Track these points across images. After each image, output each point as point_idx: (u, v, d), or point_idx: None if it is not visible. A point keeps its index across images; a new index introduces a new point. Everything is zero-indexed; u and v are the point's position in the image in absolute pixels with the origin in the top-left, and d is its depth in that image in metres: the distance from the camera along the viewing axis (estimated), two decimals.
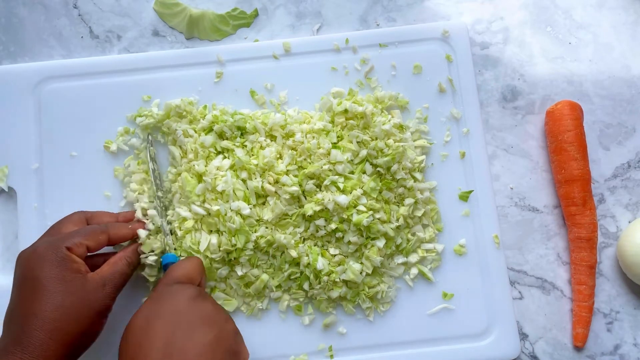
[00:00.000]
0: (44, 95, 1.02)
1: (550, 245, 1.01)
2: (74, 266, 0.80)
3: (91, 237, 0.84)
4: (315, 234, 0.95)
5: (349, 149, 0.95)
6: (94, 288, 0.81)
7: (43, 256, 0.80)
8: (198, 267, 0.85)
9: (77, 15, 1.09)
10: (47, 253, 0.80)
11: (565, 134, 0.98)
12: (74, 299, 0.78)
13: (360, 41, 1.04)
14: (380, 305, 0.96)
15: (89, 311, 0.80)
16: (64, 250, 0.80)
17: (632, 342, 0.98)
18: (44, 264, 0.79)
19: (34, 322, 0.76)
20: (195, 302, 0.78)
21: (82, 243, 0.83)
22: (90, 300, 0.80)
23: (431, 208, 0.99)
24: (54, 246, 0.81)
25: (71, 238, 0.82)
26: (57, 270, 0.79)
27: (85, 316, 0.79)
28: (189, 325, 0.75)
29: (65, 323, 0.77)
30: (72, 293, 0.79)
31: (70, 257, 0.80)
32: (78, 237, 0.83)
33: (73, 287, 0.79)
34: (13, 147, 1.00)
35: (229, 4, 1.09)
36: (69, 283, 0.79)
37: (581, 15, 1.08)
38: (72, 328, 0.77)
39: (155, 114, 1.00)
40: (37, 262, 0.80)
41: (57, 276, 0.79)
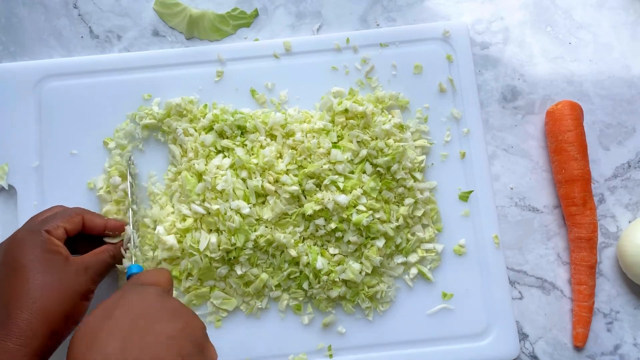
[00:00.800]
0: (45, 94, 1.02)
1: (550, 245, 1.01)
2: (53, 248, 0.82)
3: (67, 219, 0.86)
4: (315, 233, 0.96)
5: (349, 149, 0.96)
6: (76, 270, 0.82)
7: (23, 241, 0.81)
8: (166, 276, 0.83)
9: (77, 15, 1.09)
10: (26, 237, 0.82)
11: (565, 134, 0.99)
12: (56, 279, 0.80)
13: (360, 41, 1.04)
14: (379, 305, 0.97)
15: (71, 292, 0.81)
16: (43, 233, 0.82)
17: (632, 342, 0.98)
18: (24, 248, 0.80)
19: (17, 304, 0.76)
20: (161, 298, 0.75)
21: (59, 225, 0.84)
22: (72, 281, 0.81)
23: (431, 208, 0.99)
24: (32, 230, 0.82)
25: (48, 221, 0.84)
26: (37, 251, 0.80)
27: (67, 297, 0.80)
28: (153, 317, 0.71)
29: (49, 302, 0.77)
30: (53, 273, 0.80)
31: (50, 240, 0.82)
32: (55, 220, 0.84)
33: (54, 268, 0.80)
34: (13, 145, 1.01)
35: (229, 4, 1.09)
36: (50, 264, 0.80)
37: (581, 15, 1.08)
38: (56, 308, 0.78)
39: (155, 112, 1.00)
40: (17, 247, 0.81)
41: (38, 258, 0.80)
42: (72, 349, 0.69)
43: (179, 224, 0.95)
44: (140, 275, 0.82)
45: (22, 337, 0.74)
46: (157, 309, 0.73)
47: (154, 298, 0.75)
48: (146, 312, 0.71)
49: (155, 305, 0.73)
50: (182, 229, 0.94)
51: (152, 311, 0.72)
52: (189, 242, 0.93)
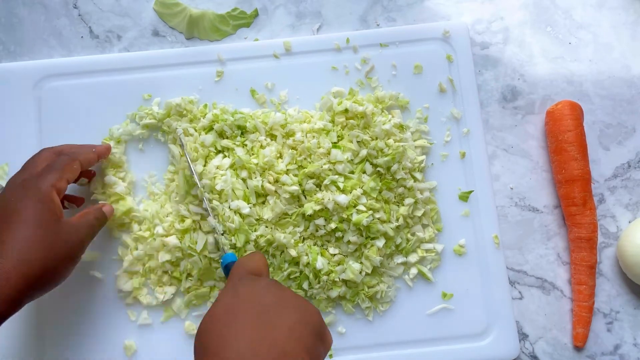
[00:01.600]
0: (45, 93, 1.03)
1: (550, 245, 1.02)
2: (51, 206, 0.83)
3: (67, 169, 0.87)
4: (315, 233, 0.96)
5: (349, 149, 0.96)
6: (67, 232, 0.83)
7: (26, 191, 0.83)
8: (263, 260, 0.84)
9: (77, 15, 1.10)
10: (30, 188, 0.83)
11: (565, 134, 0.99)
12: (46, 235, 0.81)
13: (360, 41, 1.05)
14: (379, 305, 0.97)
15: (58, 250, 0.82)
16: (48, 188, 0.83)
17: (632, 342, 0.99)
18: (25, 199, 0.82)
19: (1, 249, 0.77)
20: (274, 288, 0.76)
21: (62, 177, 0.86)
22: (61, 241, 0.82)
23: (431, 208, 1.00)
24: (36, 183, 0.84)
25: (51, 174, 0.85)
26: (36, 205, 0.81)
27: (53, 254, 0.81)
28: (272, 310, 0.72)
29: (32, 255, 0.78)
30: (45, 230, 0.81)
31: (51, 196, 0.83)
32: (57, 172, 0.86)
33: (47, 225, 0.81)
34: (13, 145, 1.01)
35: (229, 4, 1.10)
36: (44, 221, 0.81)
37: (581, 15, 1.09)
38: (38, 263, 0.79)
39: (155, 112, 1.01)
40: (19, 197, 0.83)
41: (34, 211, 0.81)
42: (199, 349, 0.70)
43: (177, 224, 0.96)
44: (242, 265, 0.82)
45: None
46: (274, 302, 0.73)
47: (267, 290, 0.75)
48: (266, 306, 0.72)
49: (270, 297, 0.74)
50: (180, 230, 0.95)
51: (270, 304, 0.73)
52: (187, 242, 0.94)
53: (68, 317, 0.97)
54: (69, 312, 0.97)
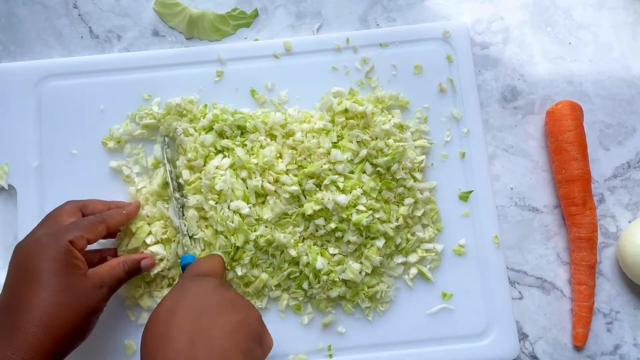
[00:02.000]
0: (45, 93, 1.03)
1: (550, 245, 1.02)
2: (74, 262, 0.81)
3: (91, 229, 0.85)
4: (314, 233, 0.97)
5: (349, 149, 0.97)
6: (92, 288, 0.82)
7: (45, 248, 0.80)
8: (220, 263, 0.86)
9: (77, 15, 1.10)
10: (49, 245, 0.80)
11: (565, 134, 1.00)
12: (71, 296, 0.79)
13: (360, 41, 1.06)
14: (379, 305, 0.98)
15: (84, 309, 0.80)
16: (67, 243, 0.80)
17: (632, 342, 0.99)
18: (44, 256, 0.79)
19: (28, 316, 0.75)
20: (219, 290, 0.78)
21: (83, 236, 0.83)
22: (87, 299, 0.81)
23: (431, 208, 1.00)
24: (56, 239, 0.81)
25: (72, 231, 0.82)
26: (57, 264, 0.79)
27: (79, 314, 0.79)
28: (214, 310, 0.74)
29: (60, 319, 0.77)
30: (70, 289, 0.79)
31: (72, 252, 0.81)
32: (78, 231, 0.83)
33: (72, 284, 0.79)
34: (13, 145, 1.02)
35: (229, 4, 1.10)
36: (68, 279, 0.79)
37: (581, 15, 1.10)
38: (66, 325, 0.77)
39: (155, 112, 1.01)
40: (38, 254, 0.80)
41: (57, 270, 0.79)
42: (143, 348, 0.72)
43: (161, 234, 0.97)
44: (195, 266, 0.84)
45: (29, 353, 0.74)
46: (216, 301, 0.76)
47: (213, 291, 0.78)
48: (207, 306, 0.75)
49: (214, 298, 0.76)
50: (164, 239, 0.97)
51: (212, 304, 0.75)
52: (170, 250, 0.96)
53: None
54: None
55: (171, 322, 0.72)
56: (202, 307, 0.74)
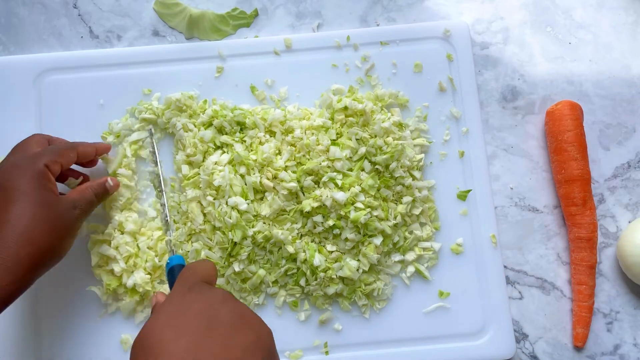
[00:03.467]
0: (45, 87, 1.05)
1: (550, 245, 1.04)
2: (48, 185, 0.86)
3: (63, 154, 0.90)
4: (312, 230, 0.99)
5: (348, 146, 0.99)
6: (65, 208, 0.87)
7: (22, 169, 0.86)
8: (214, 268, 0.79)
9: (77, 15, 1.12)
10: (25, 167, 0.86)
11: (565, 134, 1.02)
12: (48, 213, 0.84)
13: (361, 39, 1.08)
14: (376, 303, 1.00)
15: (59, 225, 0.85)
16: (42, 166, 0.86)
17: (632, 342, 1.01)
18: (21, 176, 0.85)
19: (6, 229, 0.80)
20: (231, 303, 0.71)
21: (57, 161, 0.88)
22: (62, 217, 0.86)
23: (429, 206, 1.03)
24: (32, 161, 0.87)
25: (47, 155, 0.88)
26: (34, 183, 0.85)
27: (55, 230, 0.84)
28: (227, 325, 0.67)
29: (37, 233, 0.82)
30: (45, 207, 0.84)
31: (47, 175, 0.87)
32: (52, 155, 0.88)
33: (47, 202, 0.85)
34: (13, 139, 0.99)
35: (229, 4, 1.12)
36: (44, 197, 0.85)
37: (581, 15, 1.12)
38: (43, 240, 0.82)
39: (155, 107, 1.04)
40: (16, 174, 0.85)
41: (34, 189, 0.84)
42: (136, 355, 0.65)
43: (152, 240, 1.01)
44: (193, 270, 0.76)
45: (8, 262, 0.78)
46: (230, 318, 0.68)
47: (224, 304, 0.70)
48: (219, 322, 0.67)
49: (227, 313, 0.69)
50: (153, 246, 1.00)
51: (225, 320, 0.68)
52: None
53: (65, 313, 0.99)
54: (66, 308, 1.00)
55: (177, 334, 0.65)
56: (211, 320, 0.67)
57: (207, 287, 0.73)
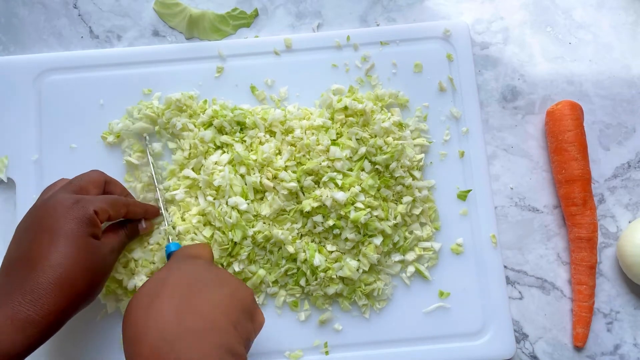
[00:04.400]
0: (45, 87, 1.06)
1: (550, 245, 1.05)
2: (94, 230, 0.84)
3: (115, 207, 0.89)
4: (312, 230, 0.99)
5: (348, 146, 1.00)
6: (103, 250, 0.86)
7: (70, 211, 0.83)
8: (208, 248, 0.90)
9: (77, 15, 1.13)
10: (74, 209, 0.83)
11: (565, 134, 1.03)
12: (89, 258, 0.82)
13: (361, 39, 1.09)
14: (376, 303, 1.00)
15: (98, 272, 0.84)
16: (92, 212, 0.84)
17: (632, 342, 1.02)
18: (69, 217, 0.82)
19: (46, 271, 0.78)
20: (210, 267, 0.81)
21: (107, 211, 0.87)
22: (99, 260, 0.85)
23: (429, 206, 1.03)
24: (82, 205, 0.84)
25: (99, 202, 0.86)
26: (79, 227, 0.82)
27: (94, 275, 0.83)
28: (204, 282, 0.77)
29: (73, 275, 0.79)
30: (88, 252, 0.82)
31: (95, 221, 0.84)
32: (105, 204, 0.87)
33: (90, 247, 0.83)
34: (13, 138, 1.04)
35: (229, 4, 1.13)
36: (88, 242, 0.83)
37: (581, 15, 1.13)
38: (81, 284, 0.80)
39: (155, 107, 1.04)
40: (63, 214, 0.83)
41: (77, 232, 0.82)
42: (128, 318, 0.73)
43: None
44: (184, 249, 0.88)
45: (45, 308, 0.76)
46: (206, 277, 0.78)
47: (203, 267, 0.81)
48: (196, 280, 0.77)
49: (204, 273, 0.79)
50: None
51: (202, 279, 0.77)
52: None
53: None
54: None
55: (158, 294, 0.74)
56: (190, 281, 0.77)
57: (190, 260, 0.84)
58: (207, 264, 0.83)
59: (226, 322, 0.73)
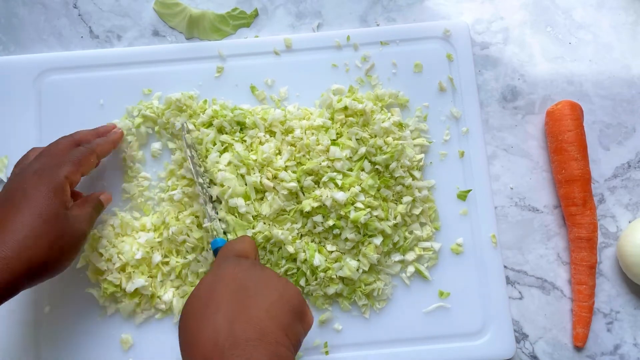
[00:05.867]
0: (45, 87, 1.07)
1: (550, 245, 1.05)
2: (63, 198, 0.87)
3: (84, 162, 0.92)
4: (312, 230, 1.00)
5: (348, 146, 1.00)
6: (71, 224, 0.87)
7: (41, 179, 0.86)
8: (252, 244, 0.89)
9: (77, 15, 1.14)
10: (45, 177, 0.87)
11: (565, 134, 1.03)
12: (54, 227, 0.84)
13: (361, 39, 1.09)
14: (376, 303, 1.01)
15: (63, 242, 0.86)
16: (62, 178, 0.87)
17: (632, 342, 1.02)
18: (38, 186, 0.86)
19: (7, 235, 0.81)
20: (255, 268, 0.81)
21: (78, 170, 0.90)
22: (67, 233, 0.86)
23: (429, 206, 1.03)
24: (52, 172, 0.87)
25: (68, 166, 0.89)
26: (49, 196, 0.85)
27: (58, 246, 0.85)
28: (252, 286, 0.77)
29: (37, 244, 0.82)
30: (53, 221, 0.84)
31: (65, 188, 0.88)
32: (73, 165, 0.90)
33: (56, 217, 0.85)
34: (13, 138, 1.05)
35: (229, 4, 1.13)
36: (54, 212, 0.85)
37: (581, 15, 1.13)
38: (42, 252, 0.83)
39: (155, 107, 1.05)
40: (33, 182, 0.86)
41: (46, 202, 0.85)
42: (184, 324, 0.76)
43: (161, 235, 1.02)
44: (229, 247, 0.88)
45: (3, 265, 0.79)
46: (254, 279, 0.79)
47: (249, 269, 0.81)
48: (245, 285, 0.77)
49: (251, 276, 0.79)
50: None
51: (249, 283, 0.78)
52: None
53: (64, 314, 1.01)
54: (65, 309, 1.01)
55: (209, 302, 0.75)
56: (239, 286, 0.77)
57: (236, 260, 0.83)
58: (253, 264, 0.82)
59: (276, 328, 0.73)
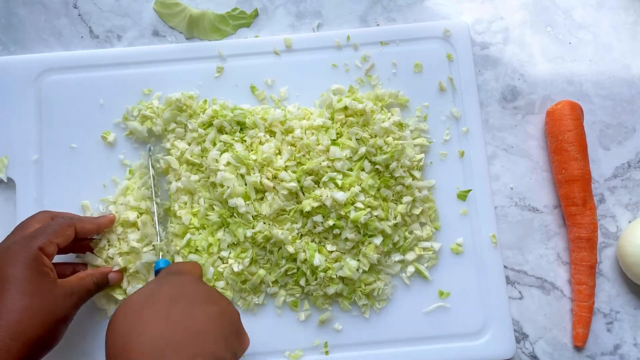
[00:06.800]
0: (45, 87, 1.07)
1: (550, 245, 1.06)
2: (43, 269, 0.83)
3: (59, 232, 0.88)
4: (312, 230, 1.00)
5: (348, 146, 1.00)
6: (62, 295, 0.85)
7: (14, 255, 0.83)
8: (197, 267, 0.88)
9: (77, 15, 1.14)
10: (18, 252, 0.83)
11: (565, 134, 1.03)
12: (41, 302, 0.81)
13: (361, 38, 1.09)
14: (376, 303, 1.01)
15: (52, 316, 0.82)
16: (36, 250, 0.83)
17: (632, 342, 1.02)
18: (14, 263, 0.82)
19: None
20: (198, 283, 0.80)
21: (52, 241, 0.86)
22: (56, 306, 0.83)
23: (429, 206, 1.04)
24: (25, 245, 0.84)
25: (40, 236, 0.85)
26: (27, 271, 0.82)
27: (49, 321, 0.82)
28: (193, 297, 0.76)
29: (29, 326, 0.79)
30: (39, 296, 0.81)
31: (42, 259, 0.84)
32: (47, 235, 0.86)
33: (41, 290, 0.82)
34: (13, 138, 1.05)
35: (229, 4, 1.14)
36: (38, 285, 0.82)
37: (581, 15, 1.13)
38: (35, 331, 0.79)
39: (155, 107, 1.05)
40: (7, 261, 0.82)
41: (26, 277, 0.81)
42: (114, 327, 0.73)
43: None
44: (173, 265, 0.87)
45: None
46: (194, 292, 0.78)
47: (190, 283, 0.80)
48: (184, 296, 0.76)
49: (192, 289, 0.79)
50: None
51: (189, 295, 0.77)
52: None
53: None
54: None
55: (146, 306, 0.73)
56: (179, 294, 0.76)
57: (178, 275, 0.82)
58: (197, 280, 0.82)
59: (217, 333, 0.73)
